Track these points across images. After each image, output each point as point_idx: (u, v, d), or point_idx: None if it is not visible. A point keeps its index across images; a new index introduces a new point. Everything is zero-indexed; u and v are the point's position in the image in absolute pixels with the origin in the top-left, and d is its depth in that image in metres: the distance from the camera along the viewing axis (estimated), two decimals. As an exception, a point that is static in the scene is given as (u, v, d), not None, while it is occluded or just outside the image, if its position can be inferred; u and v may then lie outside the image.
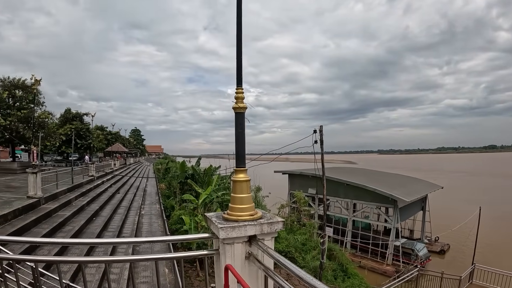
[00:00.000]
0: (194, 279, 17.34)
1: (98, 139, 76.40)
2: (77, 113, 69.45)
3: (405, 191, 34.98)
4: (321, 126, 21.57)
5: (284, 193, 45.04)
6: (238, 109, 4.14)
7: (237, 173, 4.08)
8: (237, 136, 4.17)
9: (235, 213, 3.85)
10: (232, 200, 4.03)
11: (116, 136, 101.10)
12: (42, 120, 40.59)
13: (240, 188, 4.03)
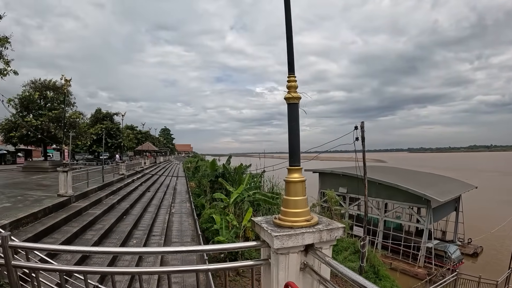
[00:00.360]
0: (224, 279, 17.04)
1: (128, 138, 77.12)
2: (107, 113, 70.22)
3: (439, 190, 34.16)
4: (362, 123, 20.96)
5: (313, 191, 44.56)
6: (291, 99, 3.74)
7: (291, 173, 3.64)
8: (290, 129, 3.75)
9: (289, 218, 3.44)
10: (285, 203, 3.61)
11: (146, 135, 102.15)
12: (73, 120, 41.06)
13: (294, 190, 3.60)
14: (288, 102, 3.78)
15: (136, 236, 16.37)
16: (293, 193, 3.59)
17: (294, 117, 3.75)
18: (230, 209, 21.80)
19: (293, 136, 3.73)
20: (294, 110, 3.77)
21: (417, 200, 32.97)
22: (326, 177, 44.98)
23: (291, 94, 3.74)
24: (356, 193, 39.56)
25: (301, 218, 3.44)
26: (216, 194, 24.37)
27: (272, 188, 33.98)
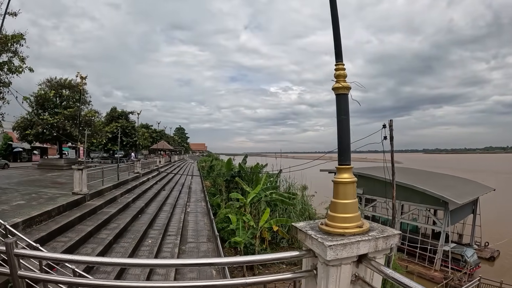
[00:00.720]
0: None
1: (143, 137, 77.29)
2: (122, 112, 70.40)
3: (456, 192, 33.43)
4: (391, 121, 20.42)
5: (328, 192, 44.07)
6: (340, 89, 3.33)
7: (340, 172, 3.25)
8: (339, 124, 3.34)
9: (339, 225, 3.05)
10: (333, 207, 3.23)
11: (161, 134, 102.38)
12: (88, 119, 41.19)
13: (343, 192, 3.20)
14: (336, 93, 3.38)
15: (152, 236, 16.17)
16: (342, 196, 3.21)
17: (344, 110, 3.35)
18: (247, 209, 21.50)
19: (343, 131, 3.33)
20: (343, 102, 3.37)
21: (435, 202, 32.35)
22: (342, 178, 44.40)
23: (340, 83, 3.33)
24: (372, 194, 39.10)
25: (352, 224, 3.08)
26: (233, 194, 24.10)
27: (289, 188, 33.62)
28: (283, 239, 23.71)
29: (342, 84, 3.31)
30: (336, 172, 3.34)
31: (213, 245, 16.51)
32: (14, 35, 20.23)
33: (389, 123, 20.25)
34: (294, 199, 27.12)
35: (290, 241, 24.30)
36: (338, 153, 3.33)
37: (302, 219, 26.46)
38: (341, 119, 3.35)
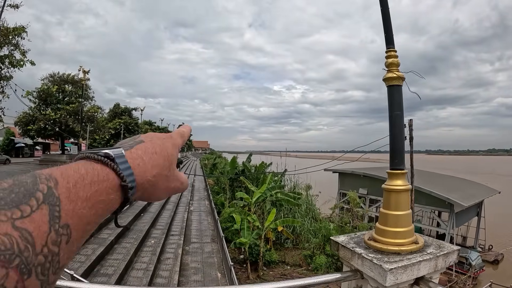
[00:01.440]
0: (244, 282, 16.37)
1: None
2: (125, 108, 70.02)
3: (462, 194, 33.01)
4: (411, 120, 19.85)
5: (332, 191, 43.77)
6: (393, 80, 2.82)
7: (392, 178, 2.76)
8: (392, 120, 2.83)
9: (392, 240, 2.57)
10: (383, 219, 2.74)
11: (164, 131, 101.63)
12: (91, 114, 40.81)
13: (396, 201, 2.71)
14: (388, 84, 2.89)
15: (154, 236, 15.75)
16: (394, 206, 2.73)
17: (397, 104, 2.84)
18: (252, 208, 21.09)
19: (395, 129, 2.79)
20: (396, 95, 2.86)
21: (440, 204, 32.00)
22: (346, 178, 44.07)
23: (393, 73, 2.82)
24: (376, 195, 38.88)
25: (407, 239, 2.61)
26: (239, 193, 23.67)
27: (294, 188, 33.21)
28: (288, 240, 23.36)
29: (396, 74, 2.81)
30: (388, 178, 2.87)
31: (217, 246, 16.12)
32: (15, 27, 19.90)
33: (409, 122, 19.71)
34: (299, 199, 26.69)
35: (295, 242, 23.94)
36: (390, 156, 2.84)
37: (306, 219, 26.05)
38: (394, 115, 2.85)
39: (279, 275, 18.27)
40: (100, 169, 0.67)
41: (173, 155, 0.88)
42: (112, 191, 0.67)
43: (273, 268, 19.25)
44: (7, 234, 0.45)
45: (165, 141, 0.88)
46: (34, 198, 0.52)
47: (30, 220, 0.49)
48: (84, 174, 0.63)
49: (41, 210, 0.51)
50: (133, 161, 0.73)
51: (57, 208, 0.54)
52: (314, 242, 22.84)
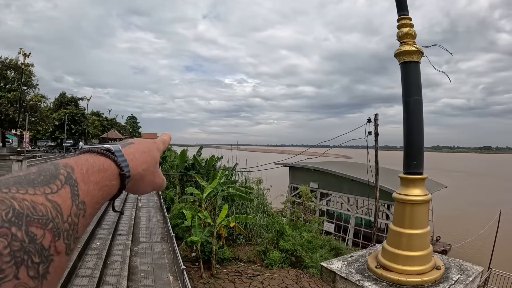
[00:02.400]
0: (198, 281, 15.76)
1: (93, 125, 74.67)
2: (72, 98, 67.52)
3: (412, 189, 33.74)
4: (376, 115, 19.53)
5: (283, 185, 43.71)
6: (409, 54, 2.18)
7: (407, 185, 2.11)
8: (409, 107, 2.21)
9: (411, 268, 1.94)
10: (395, 239, 2.09)
11: (112, 122, 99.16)
12: (34, 103, 38.43)
13: (411, 216, 2.10)
14: (402, 60, 2.23)
15: (100, 237, 14.86)
16: (409, 222, 2.08)
17: (415, 86, 2.19)
18: (203, 204, 20.38)
19: (413, 119, 2.17)
20: (414, 74, 2.18)
21: (390, 198, 32.52)
22: (297, 172, 44.22)
23: (409, 45, 2.14)
24: (327, 189, 39.27)
25: (428, 265, 2.01)
26: (189, 188, 22.93)
27: (245, 182, 32.69)
28: (240, 235, 22.89)
29: (414, 47, 2.15)
30: (400, 185, 2.25)
31: (168, 245, 15.40)
32: None
33: (375, 117, 19.44)
34: (251, 194, 26.21)
35: (248, 237, 23.50)
36: (406, 155, 2.22)
37: (259, 214, 25.63)
38: (411, 101, 2.21)
39: (233, 272, 17.75)
40: (104, 160, 0.82)
41: (157, 157, 1.07)
42: (114, 178, 0.82)
43: (227, 266, 18.72)
44: (43, 204, 0.56)
45: (151, 145, 1.06)
46: (58, 179, 0.64)
47: (58, 195, 0.61)
48: (92, 163, 0.78)
49: (65, 189, 0.64)
50: (128, 156, 0.90)
51: (76, 188, 0.67)
52: (267, 237, 22.51)
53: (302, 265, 20.86)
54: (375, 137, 19.39)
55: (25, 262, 0.49)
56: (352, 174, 37.17)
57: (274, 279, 17.32)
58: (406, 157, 2.16)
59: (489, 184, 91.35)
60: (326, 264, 2.21)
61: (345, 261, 2.27)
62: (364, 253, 2.37)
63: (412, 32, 2.17)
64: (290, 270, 19.60)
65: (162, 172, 1.02)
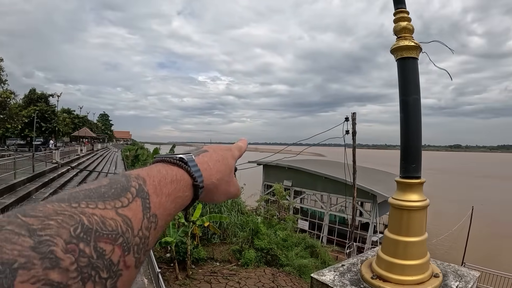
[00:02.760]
0: (173, 283, 15.53)
1: (64, 122, 73.28)
2: (42, 94, 65.88)
3: (385, 186, 34.24)
4: (354, 114, 19.46)
5: (256, 184, 43.78)
6: (406, 50, 2.08)
7: (404, 190, 1.98)
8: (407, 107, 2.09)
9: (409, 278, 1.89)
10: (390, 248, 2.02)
11: (83, 120, 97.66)
12: (2, 100, 37.45)
13: (408, 223, 1.98)
14: (399, 57, 2.12)
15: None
16: (406, 229, 1.99)
17: (413, 84, 2.09)
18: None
19: (411, 119, 2.04)
20: (411, 71, 2.10)
21: (364, 195, 33.26)
22: (271, 170, 44.41)
23: (407, 40, 2.06)
24: (301, 187, 39.54)
25: (426, 274, 1.95)
26: (161, 187, 22.68)
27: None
28: (215, 235, 22.74)
29: (412, 42, 2.05)
30: (397, 190, 2.15)
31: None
32: None
33: (352, 116, 19.41)
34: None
35: (222, 237, 23.37)
36: (403, 158, 2.11)
37: (233, 213, 25.53)
38: (410, 100, 2.10)
39: (209, 272, 17.59)
40: (177, 171, 0.80)
41: (232, 165, 1.02)
42: (187, 189, 0.80)
43: (202, 266, 18.55)
44: (113, 219, 0.56)
45: (226, 153, 1.02)
46: (129, 192, 0.63)
47: (129, 209, 0.60)
48: (165, 174, 0.75)
49: (136, 202, 0.63)
50: (201, 165, 0.87)
51: (147, 201, 0.65)
52: (242, 236, 22.42)
53: (277, 264, 20.84)
54: (353, 135, 19.42)
55: (92, 278, 0.48)
56: (326, 172, 37.62)
57: (250, 278, 17.24)
58: (403, 160, 2.06)
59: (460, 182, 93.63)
60: (317, 275, 2.08)
61: (337, 271, 2.15)
62: (355, 261, 2.26)
63: (410, 26, 2.08)
64: (266, 268, 19.54)
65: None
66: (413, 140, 2.11)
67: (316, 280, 2.13)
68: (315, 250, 25.02)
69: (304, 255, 23.36)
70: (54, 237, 0.46)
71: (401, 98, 2.13)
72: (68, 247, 0.46)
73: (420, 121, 2.12)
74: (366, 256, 2.44)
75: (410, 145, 2.11)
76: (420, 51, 2.10)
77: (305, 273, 20.46)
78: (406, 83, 2.11)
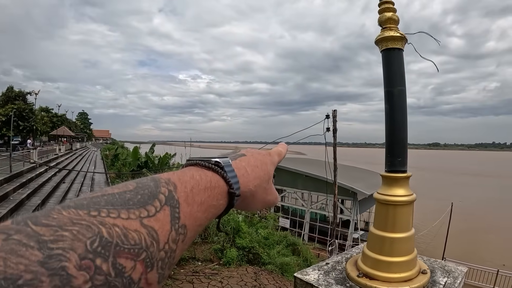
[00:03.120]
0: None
1: (42, 121, 72.18)
2: (20, 92, 64.84)
3: (365, 184, 34.61)
4: (335, 111, 19.41)
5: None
6: (392, 41, 2.06)
7: (390, 185, 1.94)
8: (392, 99, 2.03)
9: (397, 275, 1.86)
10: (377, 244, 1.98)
11: (62, 119, 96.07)
12: (-22, 99, 36.78)
13: (394, 219, 1.94)
14: (384, 48, 2.08)
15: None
16: (392, 225, 1.95)
17: (398, 75, 2.05)
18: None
19: (397, 112, 2.03)
20: (396, 62, 2.07)
21: (344, 193, 33.58)
22: (251, 168, 44.50)
23: (392, 31, 2.04)
24: (281, 185, 39.73)
25: (414, 270, 1.92)
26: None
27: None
28: (196, 234, 22.65)
29: (397, 33, 2.03)
30: (382, 184, 2.10)
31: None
32: None
33: (333, 113, 19.40)
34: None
35: (203, 236, 23.27)
36: (388, 151, 2.05)
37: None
38: (395, 92, 2.05)
39: (191, 272, 17.43)
40: (212, 176, 0.72)
41: (271, 171, 0.94)
42: (221, 197, 0.73)
43: (184, 266, 18.38)
44: (137, 231, 0.50)
45: (265, 157, 0.94)
46: (157, 199, 0.57)
47: (155, 219, 0.54)
48: (198, 180, 0.68)
49: (164, 211, 0.57)
50: (238, 171, 0.79)
51: (177, 210, 0.59)
52: (223, 235, 22.37)
53: (260, 262, 20.79)
54: (334, 133, 19.43)
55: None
56: (306, 170, 37.78)
57: (233, 277, 17.17)
58: (389, 153, 2.01)
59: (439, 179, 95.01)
60: (301, 275, 2.04)
61: (321, 269, 2.11)
62: (340, 259, 2.22)
63: (395, 17, 2.06)
64: (248, 267, 19.46)
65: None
66: (398, 133, 2.06)
67: (300, 280, 2.08)
68: (296, 248, 25.04)
69: (286, 253, 23.38)
70: (67, 251, 0.41)
71: (386, 89, 2.08)
72: (82, 263, 0.41)
73: (405, 113, 2.08)
74: (351, 254, 2.40)
75: (396, 138, 2.06)
76: (405, 42, 2.07)
77: (288, 271, 20.49)
78: (391, 74, 2.07)
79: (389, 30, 2.07)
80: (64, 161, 42.07)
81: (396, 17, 2.10)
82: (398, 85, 2.04)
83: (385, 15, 2.10)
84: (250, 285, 16.48)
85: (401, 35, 2.05)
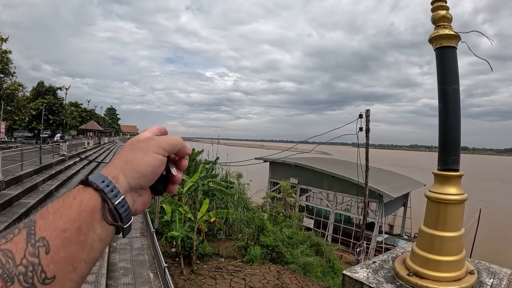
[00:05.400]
0: (178, 278, 15.45)
1: (71, 115, 73.33)
2: (50, 87, 65.90)
3: (391, 186, 34.23)
4: (368, 111, 19.12)
5: (263, 180, 43.67)
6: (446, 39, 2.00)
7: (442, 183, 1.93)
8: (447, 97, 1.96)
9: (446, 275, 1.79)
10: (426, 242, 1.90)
11: (91, 113, 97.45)
12: (11, 92, 37.36)
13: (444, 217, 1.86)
14: (437, 46, 2.02)
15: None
16: (443, 224, 1.88)
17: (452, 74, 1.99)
18: (183, 199, 20.06)
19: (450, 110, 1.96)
20: (450, 60, 2.00)
21: (370, 195, 32.87)
22: (277, 167, 44.25)
23: (447, 29, 1.99)
24: (307, 184, 39.43)
25: (463, 270, 1.86)
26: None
27: (226, 177, 32.40)
28: (220, 230, 22.62)
29: (451, 31, 1.98)
30: (434, 182, 2.04)
31: (147, 241, 15.09)
32: None
33: (366, 113, 19.10)
34: (232, 188, 26.02)
35: (228, 233, 23.27)
36: (441, 149, 1.98)
37: (239, 209, 25.38)
38: (449, 90, 1.99)
39: (214, 268, 17.51)
40: (78, 188, 0.74)
41: (136, 142, 0.90)
42: (79, 193, 0.72)
43: (207, 261, 18.47)
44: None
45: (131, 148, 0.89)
46: (17, 228, 0.64)
47: (11, 242, 0.60)
48: (64, 195, 0.71)
49: (21, 233, 0.62)
50: (106, 169, 0.80)
51: (33, 228, 0.63)
52: (248, 232, 22.33)
53: (283, 261, 20.74)
54: (366, 133, 19.16)
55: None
56: (332, 170, 37.46)
57: (255, 275, 17.15)
58: (442, 152, 1.94)
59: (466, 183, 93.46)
60: (350, 273, 1.99)
61: (369, 268, 2.05)
62: (386, 258, 2.17)
63: (449, 15, 2.01)
64: (271, 266, 19.45)
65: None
66: (452, 132, 1.98)
67: (349, 278, 2.02)
68: (320, 249, 24.91)
69: (309, 253, 23.28)
70: None
71: (440, 87, 2.02)
72: None
73: (459, 112, 2.00)
74: (396, 253, 2.35)
75: (449, 137, 1.98)
76: (459, 40, 2.00)
77: (310, 271, 20.40)
78: (445, 73, 2.01)
79: (443, 28, 2.02)
80: (93, 155, 42.59)
81: (449, 15, 2.05)
82: (453, 83, 1.98)
83: (438, 13, 2.06)
84: (272, 283, 16.43)
85: (455, 33, 2.00)
